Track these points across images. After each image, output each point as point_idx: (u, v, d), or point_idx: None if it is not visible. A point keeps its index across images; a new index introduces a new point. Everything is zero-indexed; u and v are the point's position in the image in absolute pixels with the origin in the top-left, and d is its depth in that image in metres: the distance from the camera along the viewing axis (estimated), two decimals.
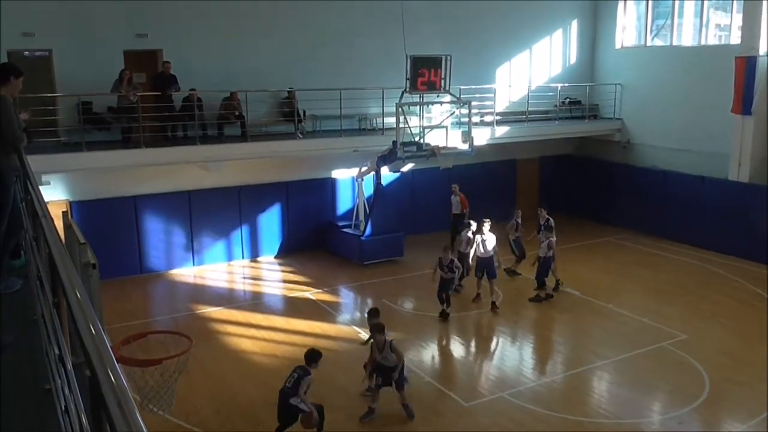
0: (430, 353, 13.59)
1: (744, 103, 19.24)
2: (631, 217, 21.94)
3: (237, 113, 17.58)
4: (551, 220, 16.79)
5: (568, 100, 23.83)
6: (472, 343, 14.01)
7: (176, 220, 17.85)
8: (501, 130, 21.00)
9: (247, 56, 17.99)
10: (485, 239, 15.14)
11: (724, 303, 15.54)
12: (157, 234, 17.70)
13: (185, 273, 17.84)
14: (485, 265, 15.25)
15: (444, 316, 14.60)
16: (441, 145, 17.69)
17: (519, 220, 17.65)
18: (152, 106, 16.28)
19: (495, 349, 13.83)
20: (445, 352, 13.55)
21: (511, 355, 13.57)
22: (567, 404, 11.33)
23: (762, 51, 18.92)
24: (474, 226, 15.68)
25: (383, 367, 10.71)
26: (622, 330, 13.98)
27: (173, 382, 8.30)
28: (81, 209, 16.27)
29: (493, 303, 15.13)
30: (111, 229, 16.74)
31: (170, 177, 17.32)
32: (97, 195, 16.65)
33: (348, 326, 14.31)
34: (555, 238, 15.96)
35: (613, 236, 19.48)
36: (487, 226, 15.29)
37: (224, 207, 18.32)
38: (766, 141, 19.55)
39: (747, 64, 19.00)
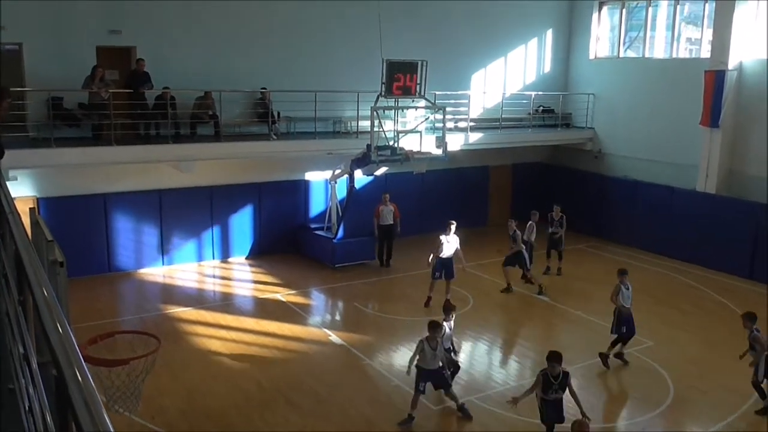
0: (400, 357, 13.59)
1: (712, 116, 19.59)
2: (601, 226, 22.20)
3: (211, 113, 17.47)
4: (518, 232, 16.93)
5: (541, 108, 24.06)
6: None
7: (147, 220, 17.68)
8: (475, 137, 21.13)
9: (222, 56, 17.90)
10: (449, 240, 15.21)
11: (689, 311, 15.79)
12: (127, 233, 17.51)
13: (155, 272, 17.68)
14: (444, 265, 15.33)
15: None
16: (415, 149, 17.76)
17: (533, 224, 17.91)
18: (124, 103, 16.11)
19: (464, 354, 13.86)
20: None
21: (480, 360, 13.64)
22: (535, 409, 11.37)
23: (731, 65, 19.27)
24: (453, 226, 15.58)
25: (430, 371, 10.58)
26: (590, 336, 14.11)
27: (140, 382, 8.23)
28: (49, 206, 16.04)
29: (448, 300, 14.61)
30: (80, 227, 16.53)
31: (141, 176, 17.16)
32: (66, 192, 16.43)
33: (318, 329, 14.28)
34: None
35: (584, 244, 19.69)
36: (452, 228, 15.32)
37: (196, 207, 18.19)
38: (733, 153, 19.92)
39: (716, 77, 19.35)
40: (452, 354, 11.68)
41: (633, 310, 13.01)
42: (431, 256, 15.38)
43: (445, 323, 11.12)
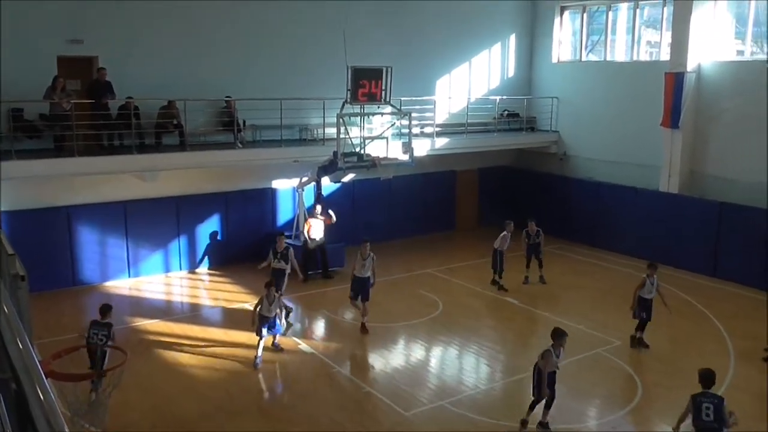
0: (369, 363, 13.60)
1: (673, 117, 19.95)
2: (567, 228, 22.42)
3: (175, 122, 17.32)
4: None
5: (506, 112, 24.27)
6: (412, 353, 14.06)
7: (111, 231, 17.43)
8: (441, 142, 21.23)
9: (185, 64, 17.77)
10: (365, 259, 14.48)
11: (655, 310, 15.97)
12: (92, 245, 17.25)
13: (121, 285, 17.43)
14: (360, 285, 14.57)
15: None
16: (381, 155, 17.76)
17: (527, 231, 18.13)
18: (87, 113, 15.90)
19: (434, 358, 13.92)
20: (385, 361, 13.57)
21: (451, 364, 13.69)
22: (506, 411, 11.48)
23: (689, 67, 19.65)
24: (368, 245, 14.82)
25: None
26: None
27: (107, 396, 8.12)
28: (10, 219, 15.70)
29: (363, 324, 14.66)
30: (42, 240, 16.26)
31: (106, 187, 16.93)
32: (28, 205, 16.12)
33: (288, 337, 14.19)
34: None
35: (550, 246, 19.84)
36: (368, 247, 14.60)
37: (162, 217, 18.00)
38: (694, 154, 20.30)
39: (675, 79, 19.71)
40: None
41: (637, 304, 13.72)
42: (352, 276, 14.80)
43: None
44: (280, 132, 18.35)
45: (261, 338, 13.07)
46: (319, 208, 18.34)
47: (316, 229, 18.15)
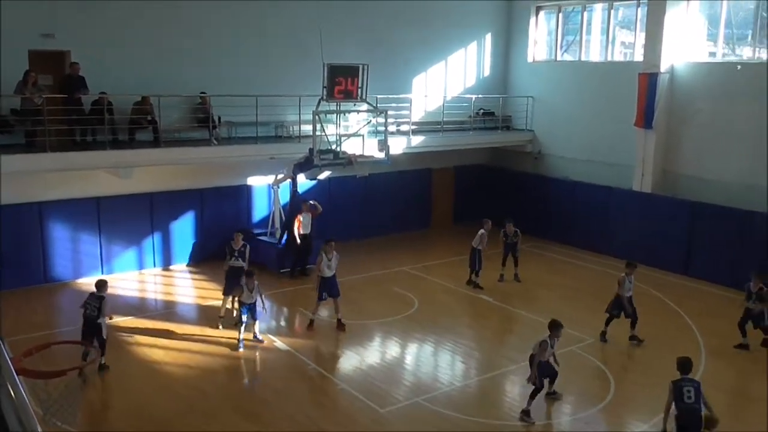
0: (345, 361, 13.59)
1: (646, 117, 20.17)
2: (542, 226, 22.59)
3: (149, 118, 17.16)
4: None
5: (482, 111, 24.37)
6: (388, 350, 14.08)
7: (84, 228, 17.22)
8: (417, 140, 21.26)
9: (160, 59, 17.60)
10: (330, 259, 14.44)
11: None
12: (64, 242, 17.03)
13: (94, 282, 17.18)
14: (328, 285, 14.51)
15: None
16: (357, 153, 17.78)
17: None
18: (59, 108, 15.69)
19: (410, 355, 13.95)
20: (360, 359, 13.57)
21: (426, 361, 13.72)
22: (480, 408, 11.55)
23: (663, 68, 19.87)
24: (333, 244, 14.79)
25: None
26: (534, 335, 14.26)
27: (78, 394, 8.02)
28: None
29: (339, 320, 14.72)
30: (13, 236, 16.03)
31: (78, 183, 16.73)
32: None
33: (263, 334, 14.13)
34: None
35: (526, 244, 19.95)
36: (332, 246, 14.52)
37: (135, 214, 17.82)
38: (667, 153, 20.54)
39: (649, 80, 19.93)
40: None
41: (624, 299, 14.01)
42: (317, 277, 14.75)
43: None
44: (255, 129, 18.26)
45: (243, 323, 13.43)
46: (307, 203, 18.21)
47: (305, 224, 18.07)
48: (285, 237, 18.37)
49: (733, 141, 18.89)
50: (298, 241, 17.93)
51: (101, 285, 12.25)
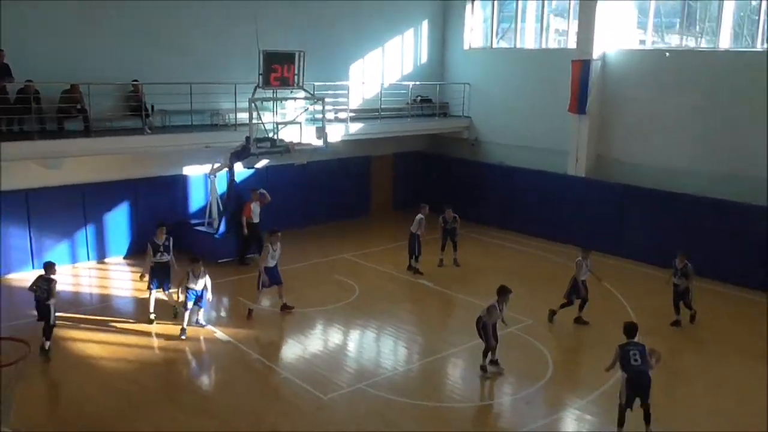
0: (287, 349, 13.51)
1: (579, 104, 20.61)
2: (480, 211, 22.88)
3: (79, 107, 16.61)
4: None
5: (419, 98, 24.47)
6: (330, 338, 14.05)
7: (12, 221, 16.59)
8: (355, 127, 21.22)
9: (89, 46, 17.05)
10: (275, 249, 14.42)
11: (564, 289, 16.50)
12: None
13: (24, 277, 16.57)
14: (272, 274, 14.50)
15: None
16: (295, 141, 17.64)
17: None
18: None
19: (352, 342, 13.96)
20: (302, 347, 13.51)
21: (369, 347, 13.75)
22: (423, 391, 11.65)
23: (595, 55, 20.32)
24: (279, 235, 14.74)
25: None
26: (473, 318, 14.45)
27: (11, 392, 7.77)
28: None
29: (285, 304, 14.85)
30: None
31: (4, 175, 16.05)
32: None
33: (200, 327, 13.91)
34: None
35: (464, 230, 20.19)
36: (278, 236, 14.49)
37: (67, 206, 17.27)
38: (600, 139, 21.04)
39: (582, 67, 20.35)
40: None
41: (580, 283, 14.53)
42: (261, 267, 14.60)
43: None
44: (190, 117, 17.94)
45: (187, 310, 13.42)
46: (257, 192, 18.08)
47: (256, 213, 17.94)
48: (224, 227, 18.10)
49: (662, 126, 19.50)
50: (245, 230, 17.79)
51: (49, 267, 12.42)
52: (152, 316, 14.14)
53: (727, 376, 12.38)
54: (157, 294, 14.24)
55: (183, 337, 13.38)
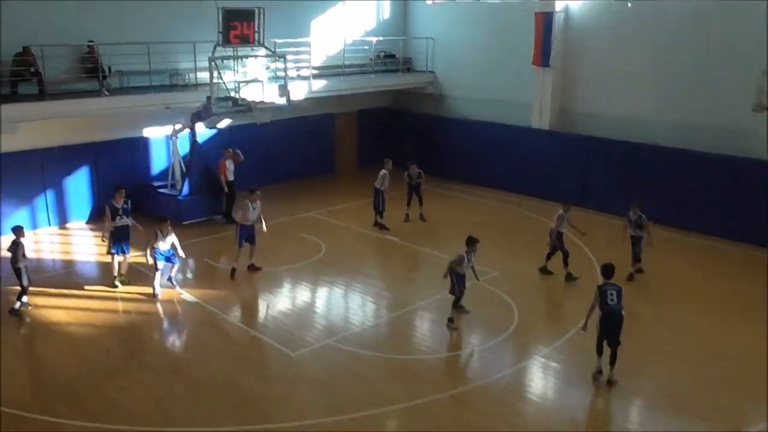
0: (255, 308, 13.53)
1: (543, 56, 20.61)
2: (445, 166, 22.91)
3: (32, 70, 16.15)
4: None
5: (383, 53, 24.23)
6: (298, 295, 14.08)
7: None
8: (318, 84, 20.97)
9: (41, 7, 16.48)
10: (254, 207, 14.51)
11: (530, 241, 16.71)
12: None
13: None
14: (248, 232, 14.56)
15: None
16: (257, 99, 17.40)
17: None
18: None
19: (320, 299, 14.00)
20: (270, 305, 13.54)
21: (337, 304, 13.80)
22: (392, 345, 11.78)
23: (558, 8, 20.25)
24: (258, 192, 14.91)
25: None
26: (439, 272, 14.57)
27: None
28: None
29: (253, 264, 14.84)
30: None
31: None
32: None
33: (170, 288, 13.84)
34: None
35: (430, 184, 20.24)
36: (258, 194, 14.64)
37: (24, 172, 16.90)
38: (563, 91, 21.09)
39: (545, 19, 20.31)
40: None
41: (556, 235, 14.49)
42: (237, 225, 14.64)
43: None
44: (149, 78, 17.56)
45: (158, 270, 13.44)
46: (230, 150, 18.09)
47: (231, 171, 18.01)
48: (187, 188, 17.91)
49: (625, 77, 19.58)
50: (226, 188, 17.96)
51: (16, 230, 12.63)
52: (117, 281, 14.02)
53: (683, 322, 12.69)
54: (119, 258, 14.09)
55: (158, 296, 13.45)
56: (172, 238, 13.54)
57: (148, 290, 13.61)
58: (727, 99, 17.51)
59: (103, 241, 14.20)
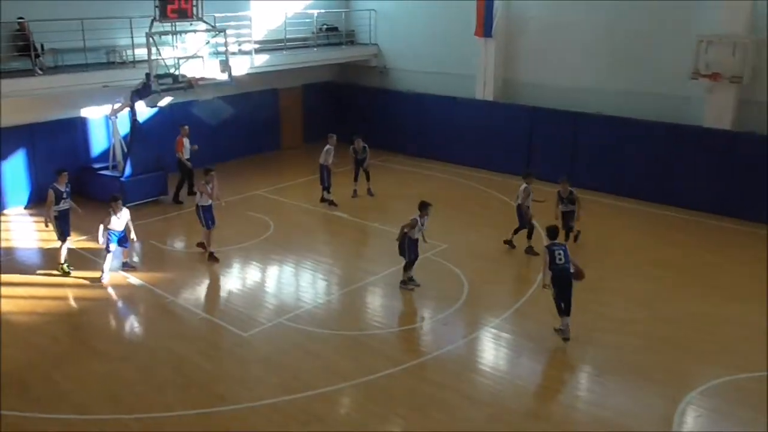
0: (204, 290, 13.38)
1: (485, 27, 20.65)
2: (391, 140, 22.90)
3: None
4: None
5: (325, 26, 23.96)
6: (247, 275, 13.97)
7: None
8: (260, 59, 20.66)
9: None
10: (212, 186, 14.17)
11: (478, 213, 16.91)
12: None
13: None
14: (211, 213, 14.29)
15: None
16: (198, 76, 17.06)
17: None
18: None
19: (270, 278, 13.92)
20: (219, 287, 13.41)
21: (287, 282, 13.74)
22: (344, 321, 11.82)
23: None
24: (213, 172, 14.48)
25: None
26: (390, 247, 14.61)
27: None
28: None
29: (211, 253, 14.42)
30: None
31: None
32: None
33: (115, 271, 13.58)
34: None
35: (377, 159, 20.21)
36: (213, 175, 14.26)
37: None
38: (507, 62, 21.21)
39: None
40: None
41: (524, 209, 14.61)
42: (199, 208, 14.29)
43: None
44: (84, 55, 17.01)
45: (109, 252, 13.14)
46: (187, 128, 17.97)
47: (187, 148, 17.87)
48: (130, 169, 17.50)
49: (567, 46, 19.79)
50: (188, 165, 18.01)
51: None
52: (66, 267, 13.67)
53: (630, 288, 13.05)
54: (68, 244, 13.75)
55: (104, 282, 13.15)
56: (126, 217, 13.22)
57: (94, 275, 13.31)
58: (667, 67, 17.88)
59: (46, 226, 13.76)
